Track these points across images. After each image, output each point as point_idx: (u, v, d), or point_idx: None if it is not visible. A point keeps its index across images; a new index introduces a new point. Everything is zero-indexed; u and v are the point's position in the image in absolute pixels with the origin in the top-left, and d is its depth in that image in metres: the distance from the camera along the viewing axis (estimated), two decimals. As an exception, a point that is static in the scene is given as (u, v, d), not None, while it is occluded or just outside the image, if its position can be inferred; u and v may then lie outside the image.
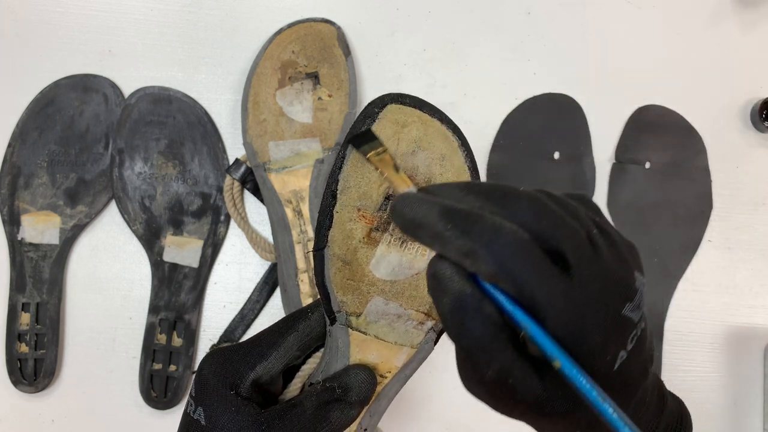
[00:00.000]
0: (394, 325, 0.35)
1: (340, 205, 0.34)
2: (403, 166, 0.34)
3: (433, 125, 0.35)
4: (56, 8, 0.63)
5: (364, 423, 0.34)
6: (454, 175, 0.35)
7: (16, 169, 0.61)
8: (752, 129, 0.67)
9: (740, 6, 0.68)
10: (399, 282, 0.35)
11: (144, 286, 0.62)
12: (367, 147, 0.32)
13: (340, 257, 0.34)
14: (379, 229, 0.34)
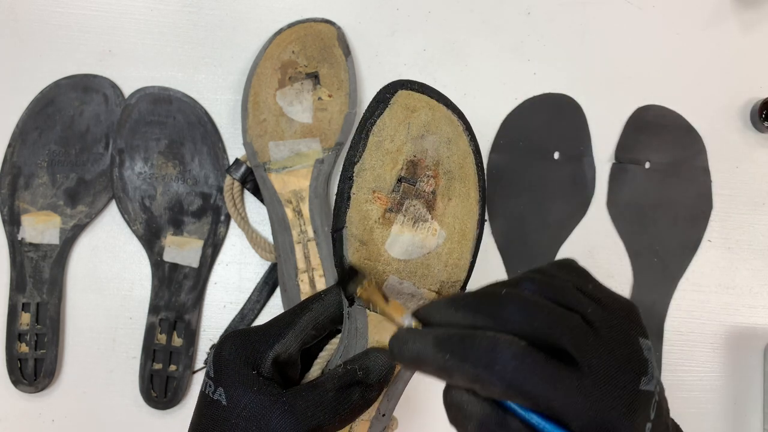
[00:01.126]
0: (408, 305, 0.36)
1: (357, 187, 0.35)
2: (413, 149, 0.36)
3: (439, 110, 0.37)
4: (56, 8, 0.63)
5: (383, 408, 0.34)
6: (460, 157, 0.37)
7: (17, 169, 0.61)
8: (752, 129, 0.67)
9: (740, 6, 0.68)
10: (412, 261, 0.36)
11: (144, 286, 0.62)
12: (352, 285, 0.34)
13: (357, 237, 0.35)
14: (392, 210, 0.35)
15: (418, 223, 0.36)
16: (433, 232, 0.36)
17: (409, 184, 0.36)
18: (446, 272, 0.36)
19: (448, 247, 0.36)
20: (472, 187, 0.37)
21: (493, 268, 0.64)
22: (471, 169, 0.38)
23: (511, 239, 0.64)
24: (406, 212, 0.36)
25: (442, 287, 0.36)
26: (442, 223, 0.36)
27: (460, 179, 0.37)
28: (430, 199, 0.36)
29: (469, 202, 0.37)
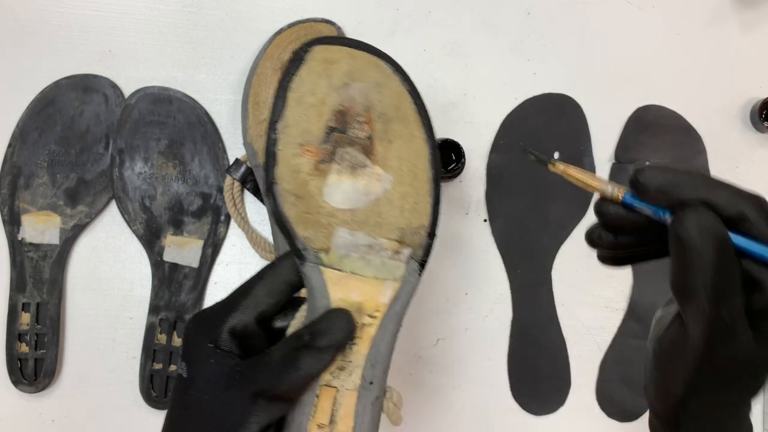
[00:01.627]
0: (368, 258, 0.34)
1: (282, 144, 0.35)
2: (339, 99, 0.35)
3: (362, 57, 0.36)
4: (56, 8, 0.63)
5: (368, 375, 0.33)
6: (394, 98, 0.36)
7: (17, 169, 0.61)
8: (752, 129, 0.67)
9: (740, 6, 0.68)
10: (360, 210, 0.34)
11: (144, 286, 0.62)
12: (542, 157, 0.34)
13: (291, 192, 0.34)
14: (325, 160, 0.35)
15: (357, 169, 0.35)
16: (376, 177, 0.35)
17: (339, 133, 0.35)
18: (404, 218, 0.35)
19: (400, 191, 0.35)
20: (415, 127, 0.36)
21: (493, 268, 0.64)
22: (409, 108, 0.36)
23: (511, 239, 0.64)
24: (341, 160, 0.35)
25: (403, 235, 0.34)
26: (386, 166, 0.35)
27: (398, 121, 0.36)
28: (366, 145, 0.35)
29: (415, 142, 0.36)
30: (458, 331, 0.63)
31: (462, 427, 0.62)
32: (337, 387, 0.32)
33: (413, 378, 0.63)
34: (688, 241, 0.26)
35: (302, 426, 0.32)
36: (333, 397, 0.32)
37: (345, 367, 0.33)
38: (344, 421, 0.32)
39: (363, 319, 0.33)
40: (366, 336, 0.33)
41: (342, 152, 0.35)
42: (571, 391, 0.63)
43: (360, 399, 0.32)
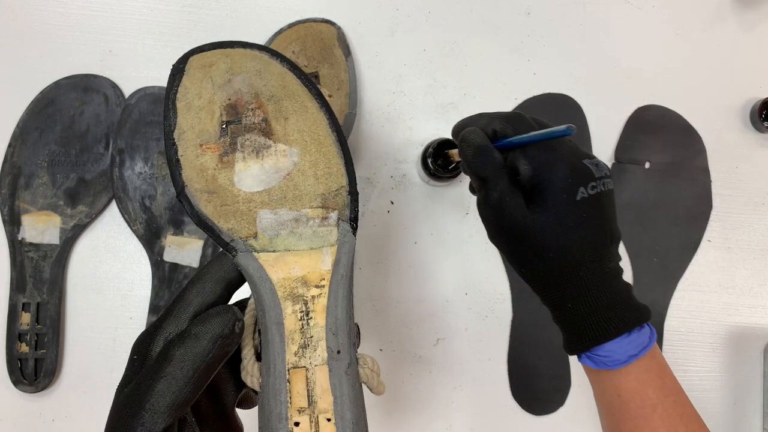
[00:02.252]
0: (298, 232, 0.35)
1: (182, 149, 0.35)
2: (225, 95, 0.36)
3: (237, 53, 0.37)
4: (56, 8, 0.63)
5: (332, 345, 0.32)
6: (277, 79, 0.37)
7: (17, 169, 0.61)
8: (752, 129, 0.67)
9: (740, 6, 0.68)
10: (275, 188, 0.35)
11: (144, 286, 0.62)
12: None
13: (202, 190, 0.35)
14: (228, 151, 0.35)
15: (261, 151, 0.36)
16: (282, 153, 0.36)
17: (235, 124, 0.36)
18: (321, 184, 0.35)
19: (309, 160, 0.36)
20: (305, 99, 0.37)
21: (493, 268, 0.64)
22: (295, 84, 0.37)
23: (511, 239, 0.64)
24: (243, 147, 0.35)
25: (326, 200, 0.35)
26: (289, 141, 0.36)
27: (288, 98, 0.37)
28: (263, 127, 0.36)
29: (309, 112, 0.37)
30: (458, 331, 0.63)
31: (462, 427, 0.62)
32: (305, 366, 0.32)
33: (413, 378, 0.63)
34: (461, 145, 0.40)
35: (282, 415, 0.31)
36: (305, 377, 0.31)
37: (308, 344, 0.32)
38: (323, 398, 0.31)
39: (311, 292, 0.33)
40: (319, 307, 0.33)
41: (242, 140, 0.36)
42: (571, 391, 0.63)
43: (332, 371, 0.32)
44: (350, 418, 0.31)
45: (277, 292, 0.33)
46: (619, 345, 0.38)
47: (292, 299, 0.33)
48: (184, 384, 0.29)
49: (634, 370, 0.38)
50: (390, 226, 0.64)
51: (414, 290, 0.63)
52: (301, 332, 0.32)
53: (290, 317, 0.33)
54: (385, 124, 0.64)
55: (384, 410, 0.62)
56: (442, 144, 0.59)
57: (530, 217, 0.38)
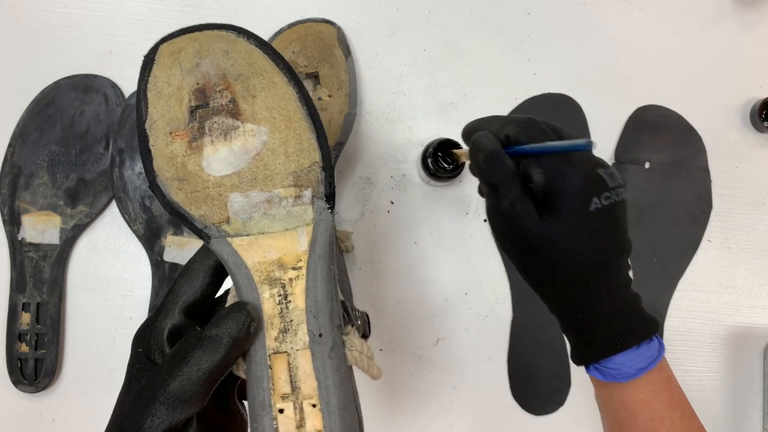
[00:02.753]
0: (271, 213, 0.33)
1: (153, 139, 0.34)
2: (194, 80, 0.35)
3: (204, 36, 0.36)
4: (56, 8, 0.63)
5: (314, 328, 0.31)
6: (244, 57, 0.36)
7: (17, 169, 0.61)
8: (752, 129, 0.67)
9: (740, 6, 0.68)
10: (244, 170, 0.34)
11: (144, 286, 0.62)
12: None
13: (172, 178, 0.34)
14: (196, 137, 0.34)
15: (229, 133, 0.34)
16: (250, 133, 0.34)
17: (202, 108, 0.35)
18: (293, 162, 0.34)
19: (279, 138, 0.34)
20: (273, 74, 0.35)
21: (493, 268, 0.64)
22: (262, 60, 0.36)
23: (511, 239, 0.64)
24: (211, 131, 0.34)
25: (298, 177, 0.34)
26: (257, 120, 0.34)
27: (255, 75, 0.35)
28: (231, 108, 0.35)
29: (278, 88, 0.35)
30: (458, 331, 0.63)
31: (462, 427, 0.62)
32: (287, 351, 0.31)
33: (413, 378, 0.63)
34: (472, 149, 0.39)
35: (265, 402, 0.30)
36: (286, 362, 0.30)
37: (288, 329, 0.31)
38: (307, 383, 0.30)
39: (288, 274, 0.32)
40: (298, 290, 0.32)
41: (210, 123, 0.34)
42: (571, 391, 0.63)
43: (315, 355, 0.30)
44: (336, 403, 0.30)
45: (253, 277, 0.32)
46: (629, 357, 0.37)
47: (269, 283, 0.32)
48: (199, 384, 0.29)
49: (643, 382, 0.38)
50: (390, 226, 0.64)
51: (414, 290, 0.63)
52: (281, 316, 0.31)
53: (268, 301, 0.32)
54: (385, 124, 0.64)
55: (384, 410, 0.62)
56: (442, 144, 0.59)
57: (542, 226, 0.37)
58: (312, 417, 0.29)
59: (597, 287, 0.37)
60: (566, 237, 0.36)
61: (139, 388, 0.30)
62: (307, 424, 0.29)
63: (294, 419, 0.29)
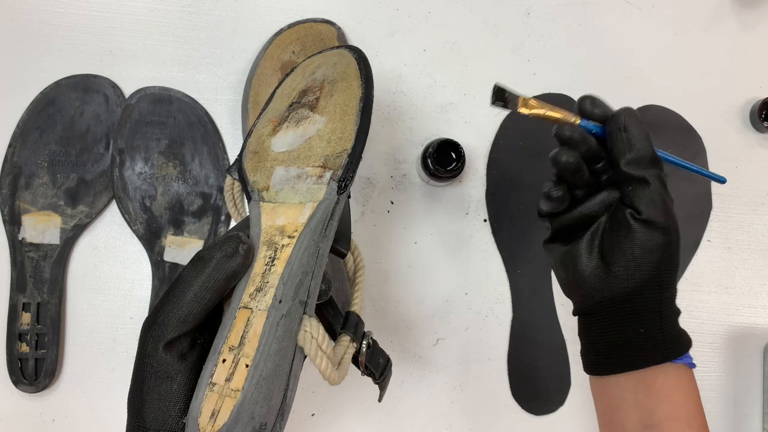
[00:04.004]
0: (296, 187, 0.37)
1: (259, 123, 0.41)
2: (306, 83, 0.42)
3: (330, 53, 0.43)
4: (56, 8, 0.63)
5: (278, 294, 0.33)
6: (343, 67, 0.42)
7: (17, 169, 0.61)
8: (752, 129, 0.67)
9: (740, 6, 0.68)
10: (295, 149, 0.39)
11: (144, 286, 0.62)
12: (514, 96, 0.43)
13: (251, 150, 0.40)
14: (281, 123, 0.40)
15: (301, 121, 0.39)
16: (312, 122, 0.39)
17: (297, 103, 0.41)
18: (330, 147, 0.38)
19: (330, 127, 0.39)
20: (353, 79, 0.40)
21: (493, 268, 0.64)
22: (353, 69, 0.41)
23: (511, 239, 0.64)
24: (291, 119, 0.40)
25: (327, 160, 0.38)
26: (324, 112, 0.39)
27: (342, 80, 0.40)
28: (312, 103, 0.40)
29: (351, 89, 0.40)
30: (458, 331, 0.63)
31: (462, 427, 0.62)
32: (252, 309, 0.33)
33: (413, 378, 0.63)
34: (626, 126, 0.41)
35: (217, 348, 0.32)
36: (247, 318, 0.32)
37: (262, 288, 0.33)
38: (251, 342, 0.31)
39: (283, 241, 0.35)
40: (283, 256, 0.34)
41: (294, 114, 0.40)
42: (571, 391, 0.63)
43: (268, 318, 0.32)
44: (263, 369, 0.31)
45: (261, 237, 0.36)
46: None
47: (268, 245, 0.35)
48: (191, 300, 0.32)
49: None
50: (390, 226, 0.64)
51: (414, 290, 0.63)
52: (262, 276, 0.34)
53: (260, 261, 0.34)
54: (385, 124, 0.64)
55: (384, 410, 0.62)
56: (442, 144, 0.59)
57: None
58: (240, 375, 0.31)
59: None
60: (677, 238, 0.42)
61: (144, 320, 0.33)
62: (233, 379, 0.31)
63: (227, 371, 0.31)
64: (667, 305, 0.40)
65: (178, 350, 0.32)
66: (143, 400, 0.31)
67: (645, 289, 0.40)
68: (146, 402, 0.31)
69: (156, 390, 0.31)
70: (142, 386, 0.32)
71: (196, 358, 0.32)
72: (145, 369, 0.32)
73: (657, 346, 0.39)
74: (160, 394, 0.31)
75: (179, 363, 0.32)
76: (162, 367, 0.31)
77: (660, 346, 0.39)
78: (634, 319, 0.40)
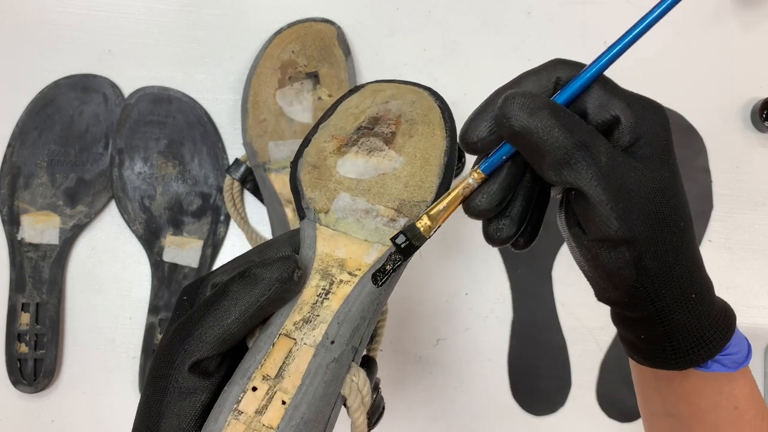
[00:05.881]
0: (363, 222, 0.36)
1: (319, 134, 0.39)
2: (377, 110, 0.40)
3: (405, 87, 0.41)
4: (56, 8, 0.63)
5: (331, 333, 0.31)
6: (424, 109, 0.40)
7: (16, 169, 0.61)
8: (752, 129, 0.67)
9: (740, 6, 0.68)
10: (365, 180, 0.37)
11: (144, 286, 0.62)
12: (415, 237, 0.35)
13: (311, 163, 0.38)
14: (348, 144, 0.38)
15: (373, 152, 0.38)
16: (389, 158, 0.37)
17: (367, 129, 0.39)
18: (407, 192, 0.36)
19: (409, 171, 0.37)
20: (437, 127, 0.39)
21: (493, 268, 0.64)
22: (436, 116, 0.40)
23: (511, 239, 0.64)
24: (362, 145, 0.38)
25: (402, 205, 0.36)
26: (401, 152, 0.38)
27: (423, 123, 0.39)
28: (388, 137, 0.38)
29: (434, 138, 0.39)
30: (458, 331, 0.63)
31: (462, 427, 0.62)
32: (296, 339, 0.31)
33: (413, 378, 0.63)
34: (511, 115, 0.31)
35: (248, 372, 0.30)
36: (288, 349, 0.30)
37: (311, 320, 0.31)
38: (292, 377, 0.29)
39: (342, 276, 0.33)
40: (341, 293, 0.32)
41: (365, 140, 0.38)
42: (571, 391, 0.63)
43: (315, 357, 0.30)
44: (304, 412, 0.29)
45: (314, 263, 0.34)
46: (736, 337, 0.33)
47: (322, 275, 0.33)
48: (234, 320, 0.29)
49: (748, 373, 0.34)
50: (390, 226, 0.63)
51: (414, 290, 0.63)
52: (312, 307, 0.32)
53: (311, 289, 0.33)
54: (385, 124, 0.64)
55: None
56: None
57: (659, 175, 0.30)
58: (275, 411, 0.29)
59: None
60: (680, 186, 0.31)
61: (177, 326, 0.30)
62: (266, 413, 0.29)
63: (258, 402, 0.29)
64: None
65: (207, 367, 0.30)
66: (161, 413, 0.29)
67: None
68: (164, 416, 0.29)
69: (177, 405, 0.29)
70: (162, 399, 0.29)
71: (222, 378, 0.30)
72: (170, 381, 0.29)
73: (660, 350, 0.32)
74: (181, 410, 0.29)
75: (205, 380, 0.30)
76: (187, 383, 0.29)
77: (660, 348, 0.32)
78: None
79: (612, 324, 0.39)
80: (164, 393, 0.29)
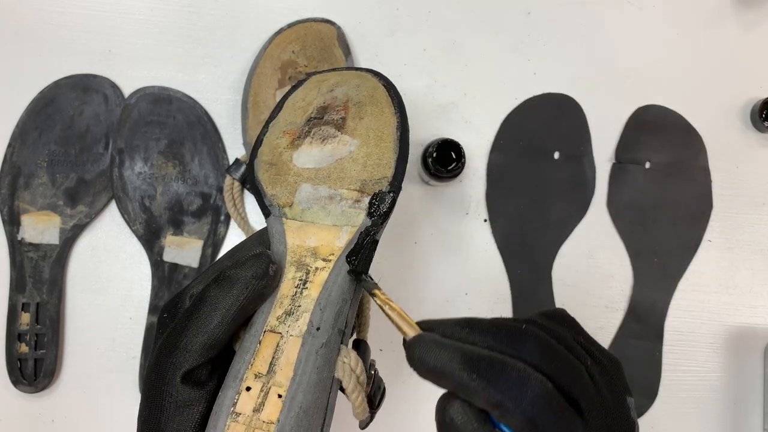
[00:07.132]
0: (328, 208, 0.36)
1: (270, 132, 0.40)
2: (323, 99, 0.40)
3: (348, 72, 0.42)
4: (56, 8, 0.63)
5: (315, 320, 0.31)
6: (370, 90, 0.40)
7: (16, 169, 0.61)
8: (752, 129, 0.67)
9: (740, 6, 0.68)
10: (324, 168, 0.37)
11: (144, 286, 0.62)
12: (370, 283, 0.33)
13: (267, 161, 0.38)
14: (301, 136, 0.39)
15: (327, 139, 0.38)
16: (343, 143, 0.38)
17: (317, 119, 0.39)
18: (367, 171, 0.36)
19: (365, 151, 0.37)
20: (385, 105, 0.39)
21: (493, 268, 0.64)
22: (382, 95, 0.40)
23: (511, 239, 0.64)
24: (314, 136, 0.38)
25: (365, 185, 0.36)
26: (354, 135, 0.38)
27: (371, 104, 0.39)
28: (339, 123, 0.38)
29: (384, 116, 0.39)
30: (458, 331, 0.63)
31: (462, 427, 0.62)
32: (281, 333, 0.30)
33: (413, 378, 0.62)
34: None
35: (240, 374, 0.29)
36: (276, 343, 0.30)
37: (293, 312, 0.31)
38: (284, 370, 0.29)
39: (317, 263, 0.33)
40: (318, 280, 0.32)
41: (316, 130, 0.38)
42: (571, 391, 0.63)
43: (304, 346, 0.30)
44: (301, 401, 0.29)
45: (287, 256, 0.34)
46: None
47: (297, 266, 0.33)
48: (217, 324, 0.29)
49: None
50: (390, 226, 0.63)
51: (414, 290, 0.63)
52: (292, 299, 0.32)
53: (288, 282, 0.32)
54: (385, 124, 0.64)
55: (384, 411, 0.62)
56: (442, 144, 0.59)
57: None
58: (272, 406, 0.29)
59: None
60: None
61: (164, 338, 0.30)
62: (264, 410, 0.28)
63: (255, 401, 0.29)
64: None
65: (199, 377, 0.30)
66: (161, 429, 0.29)
67: None
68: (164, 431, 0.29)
69: (176, 420, 0.29)
70: (159, 415, 0.29)
71: (216, 385, 0.30)
72: (164, 397, 0.29)
73: None
74: (180, 423, 0.29)
75: (199, 390, 0.29)
76: (182, 395, 0.29)
77: None
78: None
79: (611, 324, 0.39)
80: (161, 410, 0.29)
